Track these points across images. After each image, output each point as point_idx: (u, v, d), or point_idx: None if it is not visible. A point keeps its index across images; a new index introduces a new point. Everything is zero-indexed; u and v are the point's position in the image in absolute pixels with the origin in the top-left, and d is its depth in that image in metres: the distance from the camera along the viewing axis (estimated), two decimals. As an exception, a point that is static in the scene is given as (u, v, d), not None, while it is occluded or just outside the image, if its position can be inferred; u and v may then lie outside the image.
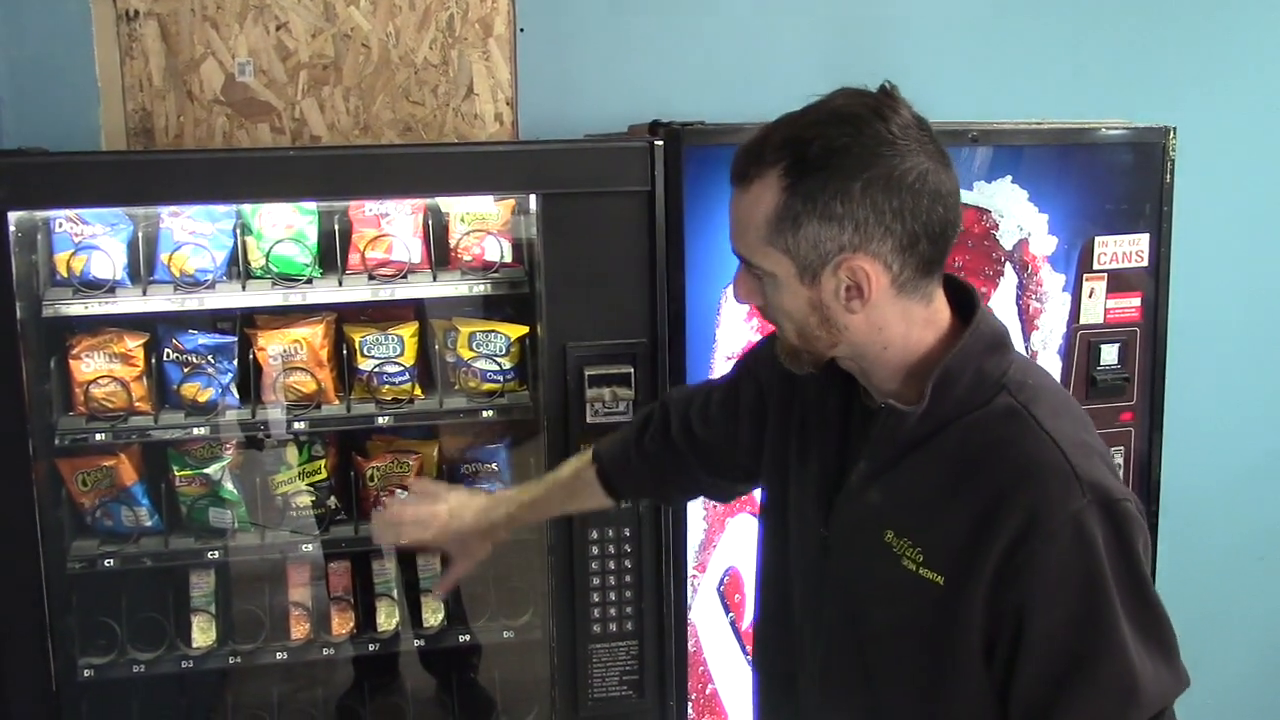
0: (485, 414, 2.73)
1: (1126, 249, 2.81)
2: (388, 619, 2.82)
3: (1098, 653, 1.42)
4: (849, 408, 1.63)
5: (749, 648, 1.97)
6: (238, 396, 2.72)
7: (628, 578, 2.64)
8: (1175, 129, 2.80)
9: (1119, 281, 2.81)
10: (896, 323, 1.50)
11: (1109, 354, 2.82)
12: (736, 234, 1.51)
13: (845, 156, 1.43)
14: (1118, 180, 2.80)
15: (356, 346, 2.73)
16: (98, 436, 2.61)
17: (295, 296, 2.65)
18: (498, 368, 2.74)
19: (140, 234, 2.64)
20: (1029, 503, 1.43)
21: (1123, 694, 1.43)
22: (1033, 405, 1.50)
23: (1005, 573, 1.43)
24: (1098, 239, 2.78)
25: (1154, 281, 2.83)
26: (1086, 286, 2.80)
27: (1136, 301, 2.83)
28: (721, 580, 2.77)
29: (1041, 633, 1.43)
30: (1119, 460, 2.84)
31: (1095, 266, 2.79)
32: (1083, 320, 2.80)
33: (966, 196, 2.68)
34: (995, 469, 1.46)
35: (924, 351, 1.53)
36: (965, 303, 1.57)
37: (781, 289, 1.49)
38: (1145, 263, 2.82)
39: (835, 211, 1.43)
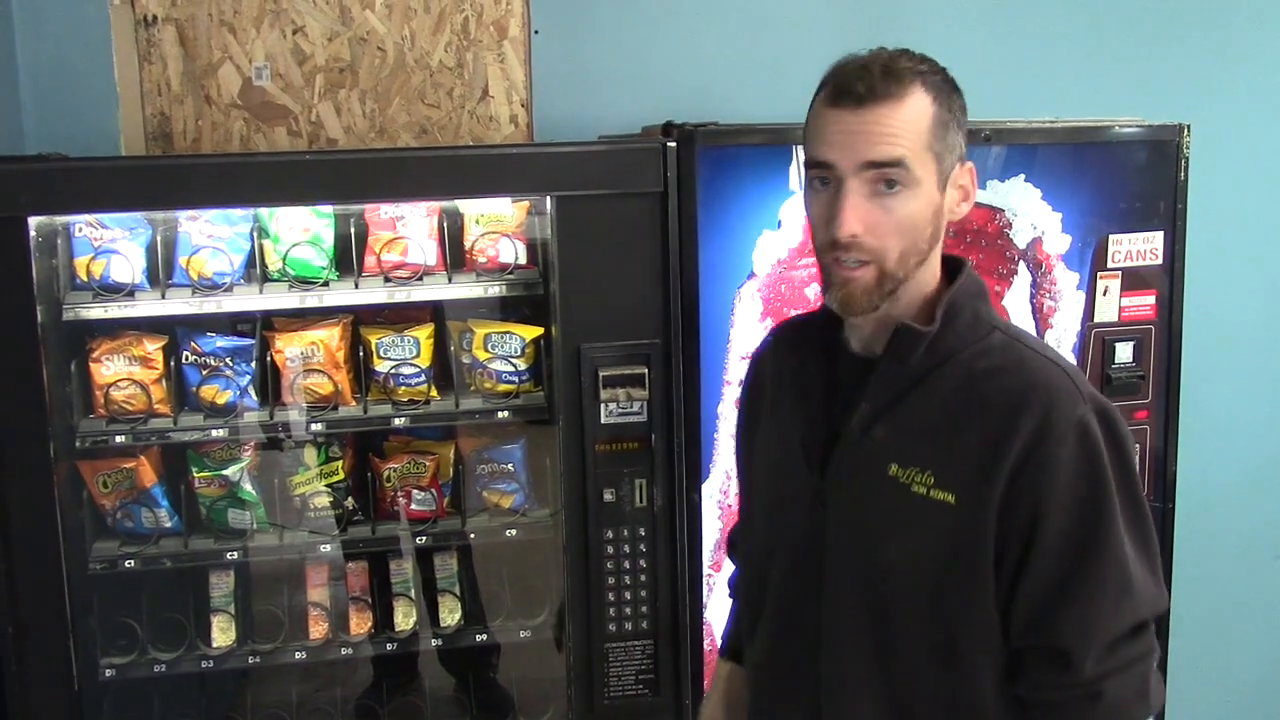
0: (501, 415, 2.74)
1: (1141, 247, 2.80)
2: (405, 619, 2.84)
3: (1099, 550, 1.55)
4: (833, 367, 1.73)
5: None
6: (256, 398, 2.74)
7: (643, 577, 2.65)
8: (1189, 126, 2.79)
9: (1133, 279, 2.81)
10: (939, 245, 1.66)
11: (1124, 352, 2.82)
12: (889, 142, 1.55)
13: (955, 82, 1.64)
14: (1132, 178, 2.79)
15: (373, 348, 2.75)
16: (118, 439, 2.63)
17: (312, 299, 2.67)
18: (513, 369, 2.75)
19: (159, 238, 2.66)
20: (1040, 411, 1.55)
21: (1119, 591, 1.55)
22: (1024, 339, 1.68)
23: (1020, 477, 1.54)
24: (1112, 237, 2.78)
25: (1168, 279, 2.82)
26: (1101, 284, 2.80)
27: (1151, 299, 2.82)
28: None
29: (1053, 531, 1.54)
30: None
31: (1109, 265, 2.79)
32: (1097, 318, 2.80)
33: (980, 196, 2.68)
34: (1005, 387, 1.58)
35: (934, 285, 1.67)
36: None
37: (920, 197, 1.58)
38: (1160, 260, 2.81)
39: (964, 124, 1.63)
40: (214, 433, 2.69)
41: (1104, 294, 2.80)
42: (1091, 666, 1.55)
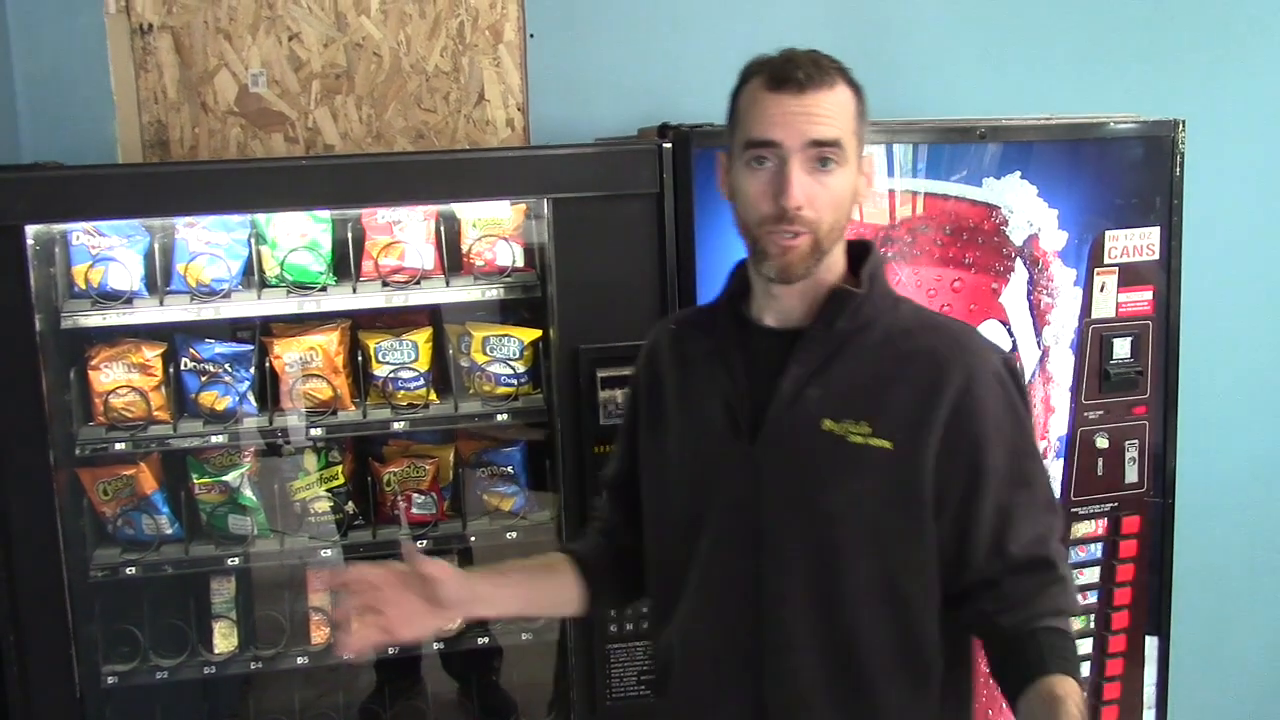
0: (500, 417, 2.75)
1: (1137, 243, 2.81)
2: (407, 622, 2.83)
3: (1032, 475, 1.77)
4: (747, 345, 1.84)
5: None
6: (255, 404, 2.75)
7: (644, 578, 2.65)
8: (1184, 122, 2.80)
9: (1130, 275, 2.81)
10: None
11: (1121, 348, 2.82)
12: (828, 123, 1.71)
13: None
14: (1127, 174, 2.80)
15: (371, 353, 2.76)
16: (118, 446, 2.63)
17: (310, 304, 2.68)
18: (511, 371, 2.76)
19: (156, 245, 2.66)
20: (966, 362, 1.75)
21: (1049, 507, 1.79)
22: (926, 308, 1.92)
23: (955, 421, 1.72)
24: (1108, 233, 2.78)
25: (1165, 274, 2.83)
26: (1098, 281, 2.80)
27: (1148, 295, 2.83)
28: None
29: (993, 465, 1.72)
30: (1133, 454, 2.85)
31: (1106, 261, 2.79)
32: (1094, 314, 2.80)
33: (976, 193, 2.70)
34: (928, 344, 1.77)
35: (844, 260, 1.82)
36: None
37: (849, 175, 1.74)
38: (1156, 256, 2.82)
39: (868, 118, 1.80)
40: (214, 439, 2.70)
41: (1101, 290, 2.81)
42: (1059, 569, 1.75)
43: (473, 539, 2.85)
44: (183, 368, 2.72)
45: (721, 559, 1.83)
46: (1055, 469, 2.81)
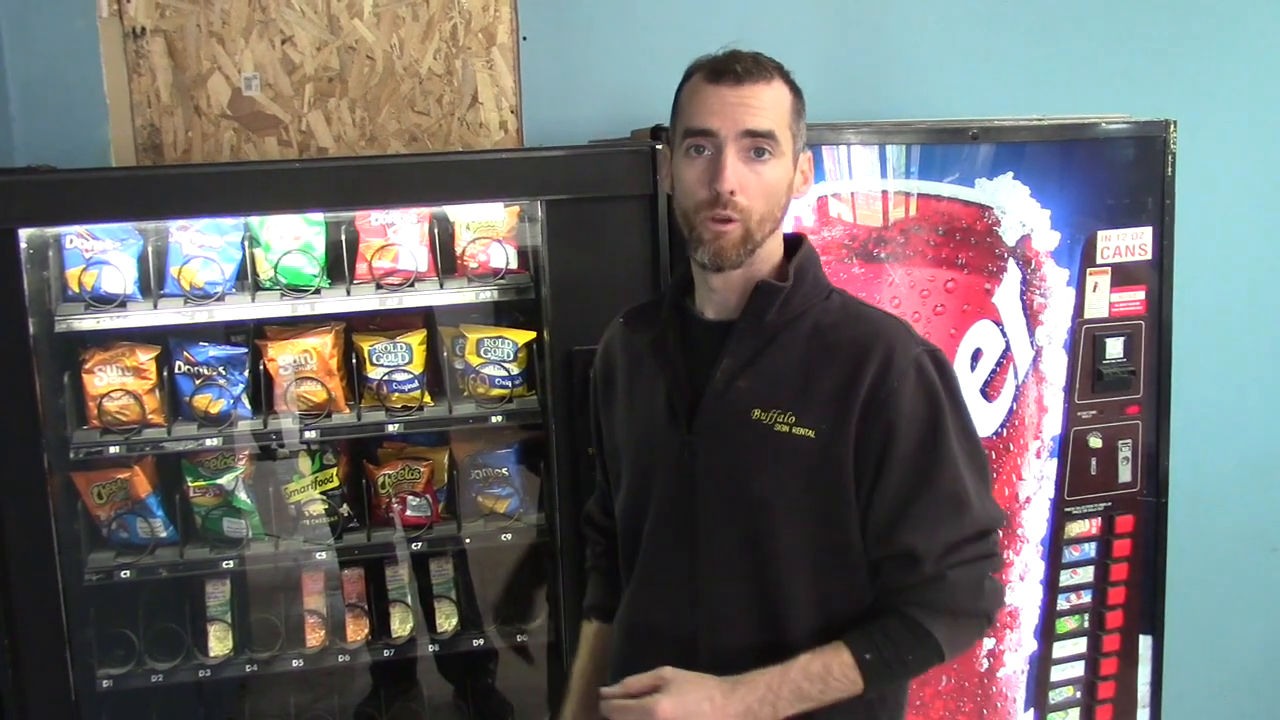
0: (494, 419, 2.75)
1: (1129, 243, 2.81)
2: (402, 625, 2.84)
3: (936, 469, 1.79)
4: (688, 337, 1.92)
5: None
6: (249, 407, 2.75)
7: (639, 579, 2.65)
8: (1176, 122, 2.80)
9: (1123, 275, 2.82)
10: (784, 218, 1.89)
11: (1114, 347, 2.82)
12: (763, 115, 1.78)
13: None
14: (1119, 174, 2.80)
15: (366, 355, 2.76)
16: (112, 449, 2.63)
17: (304, 307, 2.68)
18: (506, 373, 2.76)
19: (150, 248, 2.66)
20: (884, 350, 1.79)
21: (954, 504, 1.79)
22: (857, 299, 1.95)
23: (870, 410, 1.77)
24: (1100, 233, 2.79)
25: (1157, 274, 2.84)
26: (1090, 281, 2.80)
27: (1140, 295, 2.83)
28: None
29: (898, 454, 1.78)
30: (1126, 454, 2.86)
31: (1098, 261, 2.80)
32: (1087, 314, 2.81)
33: (968, 194, 2.70)
34: (849, 336, 1.82)
35: (780, 255, 1.89)
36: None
37: (782, 167, 1.81)
38: (1148, 256, 2.82)
39: (805, 120, 1.87)
40: (208, 442, 2.70)
41: (1094, 290, 2.81)
42: (932, 566, 1.78)
43: (467, 541, 2.85)
44: (177, 371, 2.72)
45: (660, 542, 1.93)
46: (1049, 468, 2.82)
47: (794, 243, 1.92)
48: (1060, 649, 2.91)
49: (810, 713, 1.79)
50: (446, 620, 2.85)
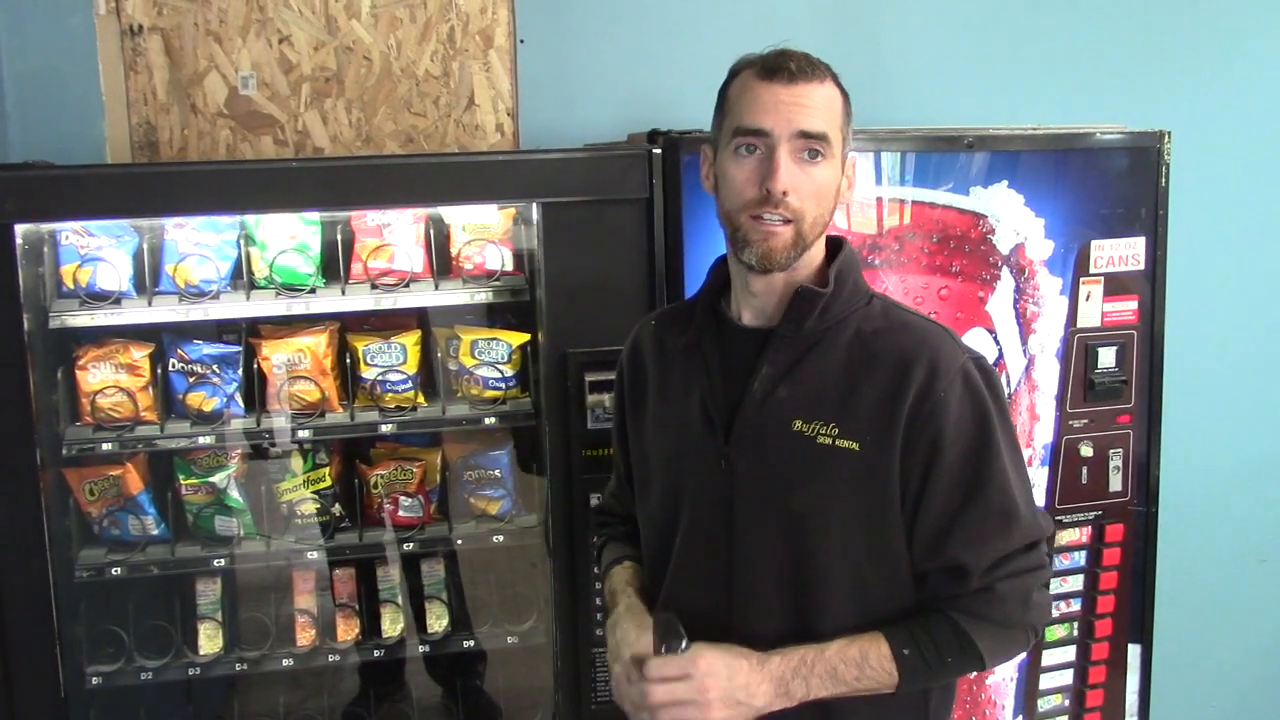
0: (488, 421, 2.75)
1: (1123, 252, 2.82)
2: (392, 625, 2.84)
3: (985, 480, 1.74)
4: (723, 343, 1.86)
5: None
6: (243, 405, 2.75)
7: (630, 582, 2.65)
8: (1170, 133, 2.82)
9: (1116, 285, 2.83)
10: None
11: (1106, 357, 2.84)
12: (816, 115, 1.74)
13: None
14: (1113, 184, 2.81)
15: (360, 355, 2.76)
16: (104, 446, 2.63)
17: (299, 306, 2.68)
18: (500, 375, 2.76)
19: (145, 245, 2.66)
20: (930, 359, 1.74)
21: (1004, 515, 1.75)
22: (900, 305, 1.90)
23: (916, 421, 1.72)
24: (1094, 243, 2.80)
25: (1150, 284, 2.85)
26: (1083, 290, 2.82)
27: (1133, 304, 2.85)
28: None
29: (946, 465, 1.73)
30: (1117, 463, 2.86)
31: (1092, 270, 2.81)
32: (1080, 324, 2.82)
33: (963, 202, 2.71)
34: (894, 344, 1.77)
35: (822, 259, 1.84)
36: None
37: (833, 169, 1.77)
38: (1142, 266, 2.84)
39: (852, 122, 1.82)
40: (201, 440, 2.70)
41: (1087, 299, 2.82)
42: (980, 579, 1.74)
43: (459, 542, 2.85)
44: (170, 368, 2.72)
45: (695, 553, 1.86)
46: (1040, 477, 2.83)
47: (834, 246, 1.87)
48: (1049, 657, 2.92)
49: (860, 707, 1.76)
50: (437, 621, 2.86)
